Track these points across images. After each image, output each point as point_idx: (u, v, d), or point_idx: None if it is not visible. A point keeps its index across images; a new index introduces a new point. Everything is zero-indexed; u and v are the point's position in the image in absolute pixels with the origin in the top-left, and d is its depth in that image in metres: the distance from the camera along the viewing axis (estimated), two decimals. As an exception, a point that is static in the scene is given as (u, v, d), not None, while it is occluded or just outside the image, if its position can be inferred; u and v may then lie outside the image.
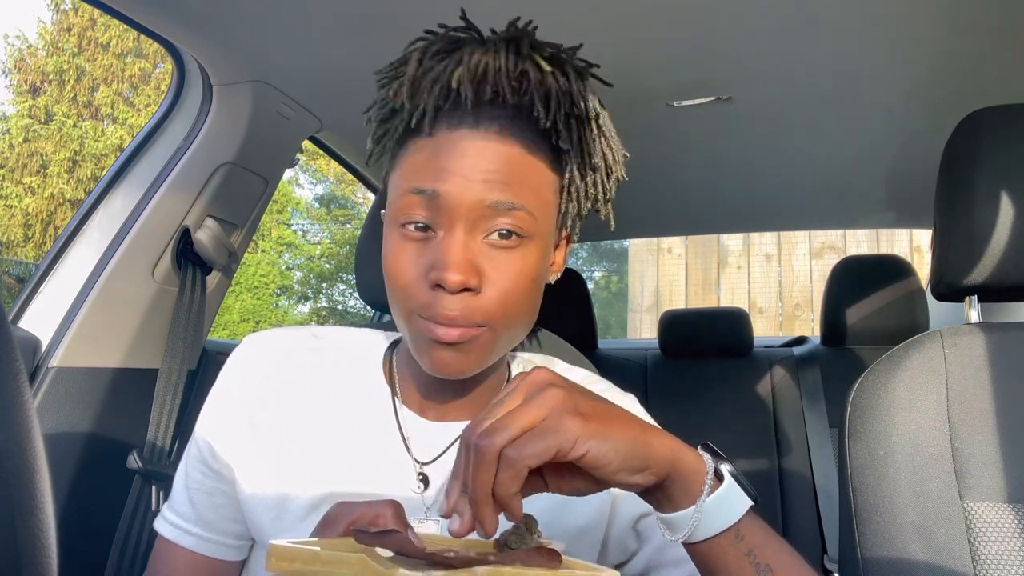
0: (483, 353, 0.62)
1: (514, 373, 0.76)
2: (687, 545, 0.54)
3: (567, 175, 0.63)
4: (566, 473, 0.50)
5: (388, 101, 0.63)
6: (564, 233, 0.68)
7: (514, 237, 0.60)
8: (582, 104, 0.61)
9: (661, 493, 0.51)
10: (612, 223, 0.67)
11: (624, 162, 0.66)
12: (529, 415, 0.45)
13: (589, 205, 0.66)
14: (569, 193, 0.64)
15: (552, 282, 0.68)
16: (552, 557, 0.45)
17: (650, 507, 0.57)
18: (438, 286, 0.58)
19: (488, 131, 0.59)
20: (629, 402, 0.77)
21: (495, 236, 0.59)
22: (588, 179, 0.64)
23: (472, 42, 0.61)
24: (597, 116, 0.63)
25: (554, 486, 0.50)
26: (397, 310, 0.62)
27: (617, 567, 0.71)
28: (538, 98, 0.59)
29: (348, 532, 0.49)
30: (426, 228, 0.60)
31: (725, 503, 0.51)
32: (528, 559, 0.45)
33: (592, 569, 0.44)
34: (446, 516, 0.47)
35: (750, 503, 0.52)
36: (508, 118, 0.60)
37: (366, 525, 0.49)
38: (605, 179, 0.65)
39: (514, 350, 0.79)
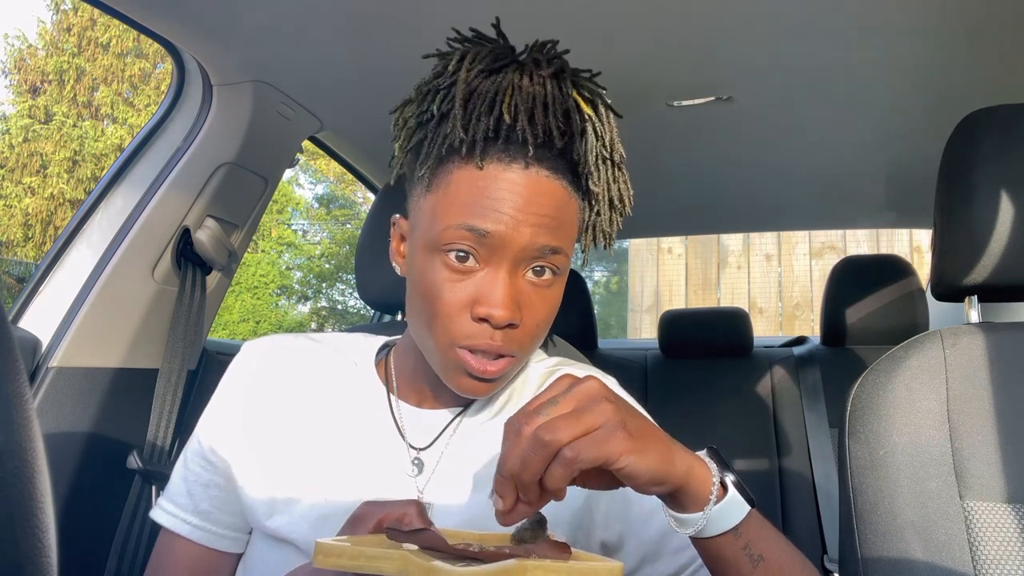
0: (507, 377, 0.68)
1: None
2: (692, 538, 0.58)
3: (593, 214, 0.68)
4: (593, 473, 0.53)
5: (431, 116, 0.64)
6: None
7: (549, 274, 0.64)
8: (610, 147, 0.65)
9: (673, 499, 0.56)
10: (611, 252, 0.72)
11: (632, 203, 0.71)
12: (586, 422, 0.49)
13: (603, 240, 0.70)
14: (593, 229, 0.69)
15: None
16: (563, 549, 0.49)
17: (624, 510, 0.69)
18: (483, 319, 0.62)
19: (538, 174, 0.62)
20: (608, 383, 0.79)
21: (535, 275, 0.64)
22: (607, 221, 0.68)
23: (512, 64, 0.64)
24: (622, 159, 0.67)
25: (580, 481, 0.54)
26: (434, 337, 0.65)
27: None
28: (579, 141, 0.63)
29: (377, 530, 0.53)
30: (470, 263, 0.62)
31: (727, 510, 0.56)
32: (542, 551, 0.49)
33: (598, 559, 0.49)
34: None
35: (748, 509, 0.57)
36: (554, 158, 0.63)
37: (394, 523, 0.52)
38: (619, 220, 0.70)
39: None
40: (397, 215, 0.72)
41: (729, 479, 0.56)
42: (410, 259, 0.68)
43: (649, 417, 0.76)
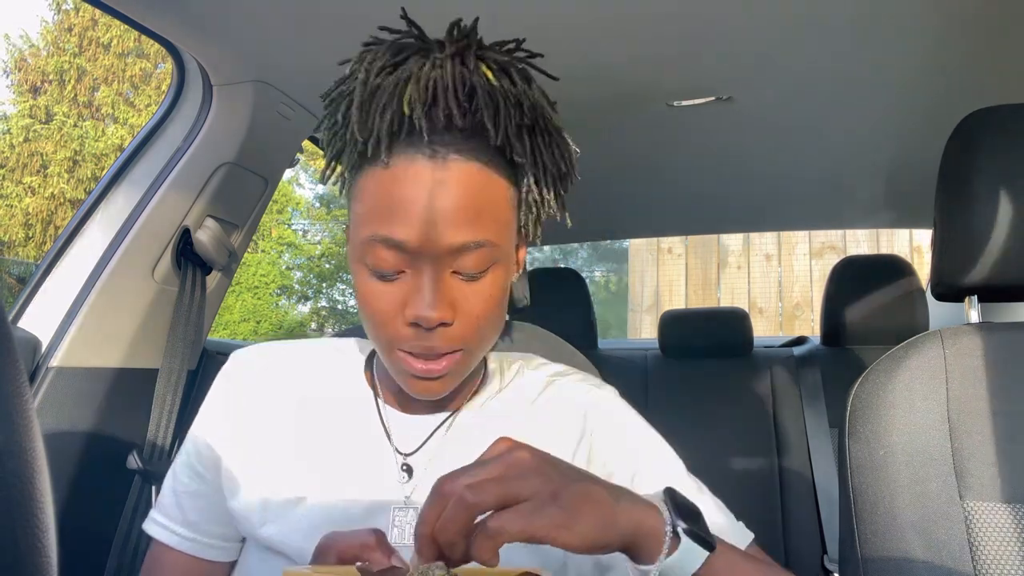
0: (460, 373, 0.66)
1: (491, 367, 0.78)
2: None
3: (524, 187, 0.64)
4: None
5: (338, 124, 0.63)
6: (523, 234, 0.69)
7: (479, 267, 0.61)
8: (531, 112, 0.61)
9: (626, 552, 0.53)
10: (568, 222, 0.68)
11: (575, 164, 0.67)
12: (514, 490, 0.47)
13: (547, 211, 0.66)
14: (528, 204, 0.65)
15: (515, 280, 0.70)
16: None
17: None
18: (414, 324, 0.60)
19: (446, 159, 0.59)
20: (607, 394, 0.77)
21: (464, 270, 0.61)
22: (545, 187, 0.64)
23: (417, 51, 0.61)
24: (548, 122, 0.63)
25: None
26: (376, 342, 0.65)
27: None
28: (488, 115, 0.59)
29: (340, 560, 0.52)
30: (391, 270, 0.61)
31: (682, 559, 0.53)
32: None
33: None
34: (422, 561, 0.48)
35: (707, 553, 0.53)
36: (463, 139, 0.59)
37: (357, 553, 0.51)
38: (559, 184, 0.66)
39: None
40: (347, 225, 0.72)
41: (681, 527, 0.53)
42: (350, 269, 0.67)
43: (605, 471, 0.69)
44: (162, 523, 0.74)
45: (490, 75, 0.60)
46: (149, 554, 0.76)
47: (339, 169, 0.65)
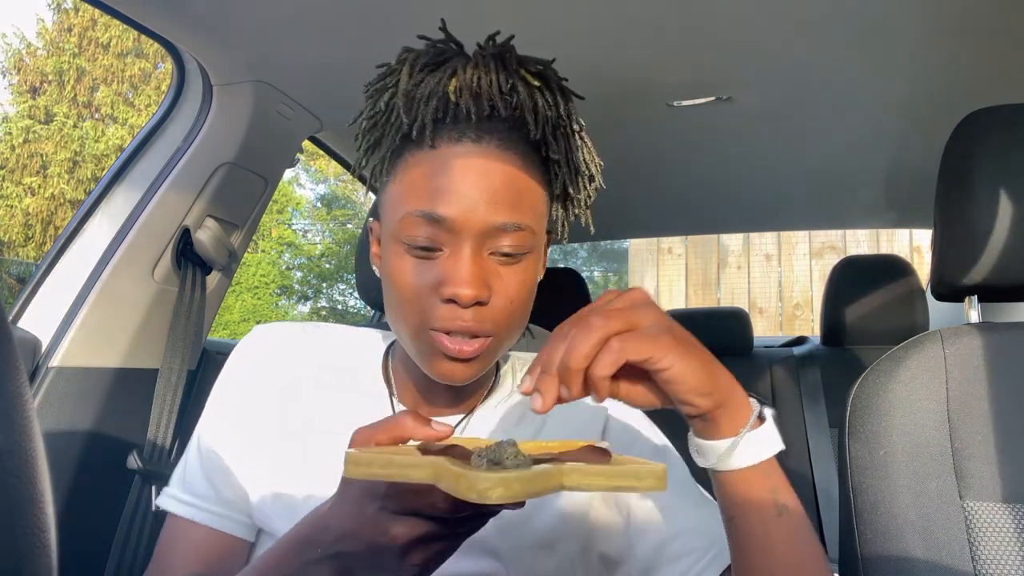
0: (488, 360, 0.66)
1: (503, 369, 0.79)
2: (718, 475, 0.56)
3: (558, 186, 0.67)
4: (640, 385, 0.54)
5: (380, 112, 0.65)
6: (550, 233, 0.71)
7: (517, 251, 0.63)
8: (567, 117, 0.65)
9: (709, 419, 0.54)
10: (592, 228, 0.71)
11: (601, 170, 0.70)
12: (635, 318, 0.50)
13: (575, 212, 0.70)
14: (560, 202, 0.69)
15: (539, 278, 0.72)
16: (604, 454, 0.49)
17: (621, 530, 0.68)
18: (450, 300, 0.61)
19: (489, 146, 0.62)
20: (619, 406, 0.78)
21: (501, 253, 0.63)
22: (574, 188, 0.68)
23: (458, 56, 0.64)
24: (580, 128, 0.67)
25: (625, 393, 0.54)
26: (403, 323, 0.65)
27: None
28: (528, 112, 0.62)
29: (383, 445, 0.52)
30: (431, 246, 0.62)
31: (761, 440, 0.54)
32: (582, 456, 0.48)
33: (640, 461, 0.48)
34: (526, 393, 0.51)
35: (781, 446, 0.55)
36: (505, 131, 0.62)
37: (397, 437, 0.51)
38: (588, 186, 0.69)
39: None
40: (371, 219, 0.73)
41: (768, 411, 0.55)
42: (382, 254, 0.68)
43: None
44: (189, 501, 0.72)
45: (529, 76, 0.64)
46: (166, 536, 0.73)
47: (376, 157, 0.67)
